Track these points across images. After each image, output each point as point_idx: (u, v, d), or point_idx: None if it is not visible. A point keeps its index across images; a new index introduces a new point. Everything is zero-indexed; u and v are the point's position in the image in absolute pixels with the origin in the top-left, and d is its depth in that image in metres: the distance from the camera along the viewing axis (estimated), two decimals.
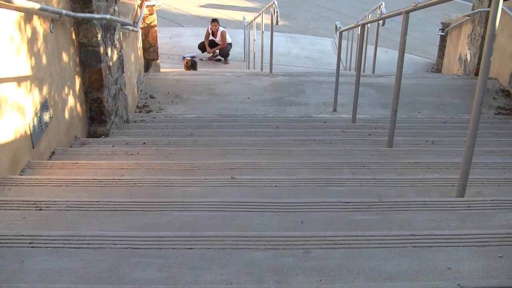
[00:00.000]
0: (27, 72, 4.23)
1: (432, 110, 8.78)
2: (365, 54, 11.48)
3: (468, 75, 10.64)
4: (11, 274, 2.46)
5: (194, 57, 14.84)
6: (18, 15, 4.05)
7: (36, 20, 4.39)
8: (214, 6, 20.69)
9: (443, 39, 13.24)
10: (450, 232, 2.95)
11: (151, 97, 9.32)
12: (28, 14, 4.21)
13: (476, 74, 10.16)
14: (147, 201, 3.37)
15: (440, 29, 13.30)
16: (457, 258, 2.63)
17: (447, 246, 2.74)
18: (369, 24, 11.39)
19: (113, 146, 5.32)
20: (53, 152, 4.84)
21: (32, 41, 4.30)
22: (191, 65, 13.67)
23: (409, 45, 5.11)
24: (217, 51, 15.20)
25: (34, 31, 4.34)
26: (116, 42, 6.42)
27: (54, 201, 3.35)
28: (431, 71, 14.07)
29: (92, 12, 5.39)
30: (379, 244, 2.74)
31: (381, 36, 12.66)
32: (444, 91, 9.60)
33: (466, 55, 10.83)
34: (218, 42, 15.00)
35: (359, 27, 7.54)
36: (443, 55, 13.32)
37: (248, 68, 14.19)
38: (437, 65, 13.76)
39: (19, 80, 4.08)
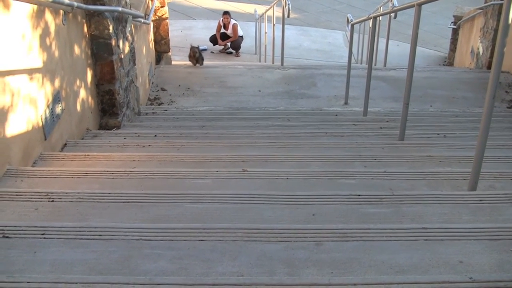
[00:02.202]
0: (39, 64, 4.24)
1: (444, 103, 8.74)
2: (376, 47, 11.43)
3: (480, 69, 10.59)
4: (23, 265, 2.47)
5: (205, 49, 14.84)
6: (31, 7, 4.06)
7: (48, 13, 4.40)
8: None
9: (455, 32, 13.18)
10: (462, 226, 2.94)
11: (163, 89, 9.33)
12: (40, 7, 4.22)
13: (489, 67, 10.12)
14: (159, 193, 3.38)
15: (452, 22, 13.23)
16: (469, 251, 2.62)
17: (459, 240, 2.73)
18: (380, 17, 11.32)
19: (124, 138, 5.33)
20: (65, 144, 4.86)
21: (44, 33, 4.31)
22: (197, 58, 11.39)
23: (421, 38, 5.09)
24: (229, 44, 15.18)
25: (46, 24, 4.35)
26: (127, 34, 6.43)
27: (66, 193, 3.37)
28: (443, 65, 14.01)
29: (104, 4, 5.39)
30: (391, 237, 2.74)
31: (393, 29, 12.61)
32: (456, 85, 9.56)
33: (478, 48, 10.78)
34: (230, 35, 14.97)
35: (371, 20, 7.53)
36: (455, 48, 13.26)
37: (260, 61, 14.18)
38: (449, 59, 13.70)
39: (32, 72, 4.10)
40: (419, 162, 4.39)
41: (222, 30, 15.06)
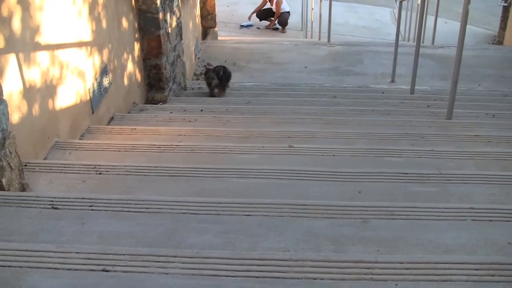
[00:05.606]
0: (88, 37, 4.28)
1: (493, 82, 8.59)
2: (424, 24, 11.26)
3: None
4: (72, 235, 2.51)
5: (251, 25, 14.84)
6: None
7: None
8: None
9: (506, 10, 12.87)
10: (511, 207, 2.88)
11: (209, 64, 9.33)
12: None
13: None
14: (205, 167, 3.39)
15: (502, 0, 12.94)
16: None
17: (508, 221, 2.69)
18: None
19: (171, 112, 5.36)
20: (112, 117, 4.91)
21: (92, 6, 4.34)
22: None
23: (470, 15, 4.98)
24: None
25: None
26: (175, 9, 6.44)
27: (113, 166, 3.40)
28: (492, 43, 13.74)
29: None
30: (438, 216, 2.70)
31: (442, 7, 12.37)
32: (506, 64, 9.39)
33: None
34: (275, 10, 14.89)
35: None
36: (505, 26, 12.95)
37: (306, 37, 14.09)
38: (499, 37, 13.40)
39: (80, 45, 4.13)
40: (467, 141, 4.32)
41: (268, 5, 14.97)
